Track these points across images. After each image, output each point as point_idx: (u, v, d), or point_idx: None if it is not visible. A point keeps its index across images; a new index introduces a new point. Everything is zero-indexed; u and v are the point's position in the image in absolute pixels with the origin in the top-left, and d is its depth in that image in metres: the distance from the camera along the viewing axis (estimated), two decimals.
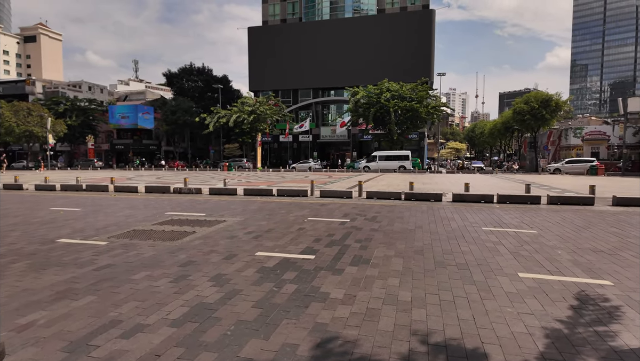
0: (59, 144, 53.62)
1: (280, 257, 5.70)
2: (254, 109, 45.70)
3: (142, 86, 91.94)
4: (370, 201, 12.06)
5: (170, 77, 61.12)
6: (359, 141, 52.11)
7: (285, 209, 10.78)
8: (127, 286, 4.50)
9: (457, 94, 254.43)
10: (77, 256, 5.78)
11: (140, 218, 9.22)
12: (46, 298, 4.11)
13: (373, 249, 6.11)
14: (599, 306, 3.88)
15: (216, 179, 24.62)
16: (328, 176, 29.26)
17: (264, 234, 7.36)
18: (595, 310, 3.79)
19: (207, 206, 11.45)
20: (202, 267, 5.24)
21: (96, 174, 33.79)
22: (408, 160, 37.08)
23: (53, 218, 9.29)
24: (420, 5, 54.42)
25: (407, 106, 38.79)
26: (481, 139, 77.74)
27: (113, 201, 12.86)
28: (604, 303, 3.95)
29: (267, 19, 61.08)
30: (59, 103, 52.75)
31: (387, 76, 43.98)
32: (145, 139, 57.87)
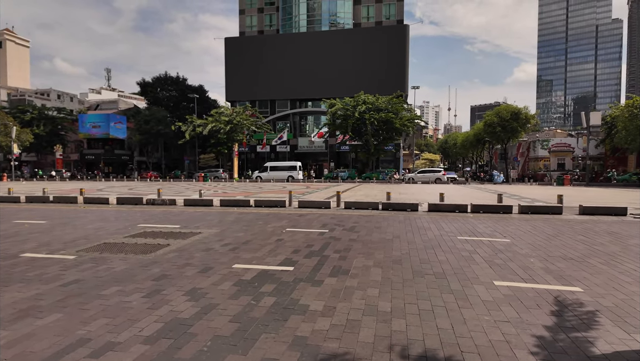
0: (24, 154, 51.37)
1: (258, 269, 5.60)
2: (230, 119, 45.34)
3: (115, 95, 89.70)
4: (349, 211, 12.10)
5: (145, 86, 59.92)
6: (337, 151, 52.49)
7: (263, 220, 10.65)
8: (97, 302, 4.29)
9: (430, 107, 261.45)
10: (42, 272, 5.48)
11: (112, 231, 8.87)
12: (7, 317, 3.86)
13: (352, 260, 6.09)
14: (572, 312, 3.99)
15: (191, 190, 24.11)
16: (306, 186, 29.22)
17: (241, 246, 7.23)
18: (569, 316, 3.89)
19: (181, 218, 11.17)
20: (177, 281, 5.07)
21: (64, 185, 32.44)
22: (296, 170, 39.33)
23: (16, 232, 8.82)
24: (395, 20, 55.91)
25: (383, 117, 39.48)
26: (454, 151, 79.89)
27: (82, 213, 12.35)
28: (577, 309, 4.07)
29: (244, 30, 61.18)
30: (25, 111, 50.66)
31: (363, 88, 44.75)
32: (118, 149, 56.25)
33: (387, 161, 50.01)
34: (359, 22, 56.96)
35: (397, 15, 55.97)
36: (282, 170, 39.47)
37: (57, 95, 63.33)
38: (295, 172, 39.06)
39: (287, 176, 38.86)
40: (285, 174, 38.95)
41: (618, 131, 32.62)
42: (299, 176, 38.94)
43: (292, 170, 39.12)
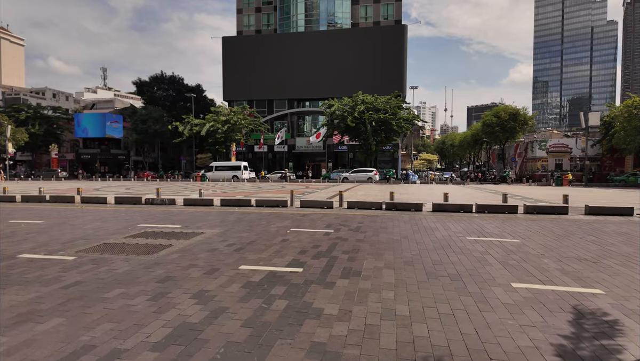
0: (19, 153, 50.82)
1: (266, 270, 5.41)
2: (228, 119, 45.08)
3: (111, 94, 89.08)
4: (352, 211, 11.92)
5: (141, 86, 59.49)
6: (335, 151, 52.33)
7: (265, 220, 10.45)
8: (100, 305, 4.09)
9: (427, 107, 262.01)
10: (41, 273, 5.26)
11: (111, 231, 8.65)
12: (6, 322, 3.64)
13: (362, 261, 5.92)
14: (597, 316, 3.84)
15: (189, 190, 23.85)
16: (305, 186, 29.03)
17: (246, 246, 7.03)
18: (595, 320, 3.74)
19: (182, 218, 10.95)
20: (183, 283, 4.88)
21: (60, 184, 32.05)
22: (240, 170, 41.22)
23: (13, 232, 8.57)
24: (393, 20, 55.86)
25: (381, 118, 39.36)
26: (451, 151, 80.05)
27: (80, 213, 12.09)
28: (602, 313, 3.91)
29: (241, 29, 60.90)
30: (20, 110, 50.14)
31: (361, 88, 44.65)
32: (114, 149, 55.80)
33: (384, 161, 49.91)
34: (357, 22, 56.87)
35: (395, 16, 55.94)
36: (228, 170, 41.71)
37: (52, 94, 62.74)
38: (239, 172, 41.06)
39: (232, 176, 40.98)
40: (230, 174, 41.11)
41: (616, 132, 32.68)
42: (243, 175, 40.72)
43: (236, 170, 41.34)
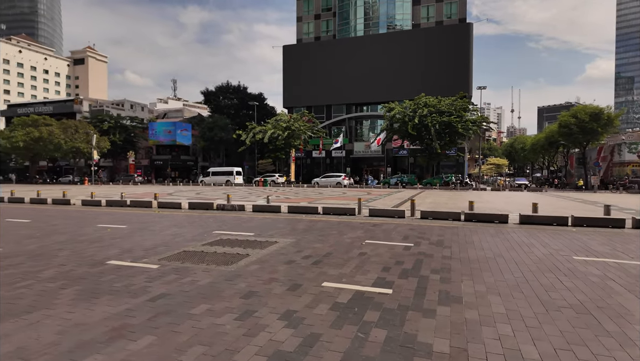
0: (102, 159, 55.90)
1: (351, 290, 4.97)
2: (288, 125, 45.87)
3: (180, 104, 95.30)
4: (427, 222, 11.14)
5: (208, 95, 62.83)
6: (394, 156, 51.03)
7: (335, 229, 10.08)
8: (188, 323, 3.90)
9: (492, 108, 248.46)
10: (129, 283, 5.29)
11: (189, 238, 8.78)
12: (100, 337, 3.56)
13: (458, 283, 5.26)
14: None
15: (254, 195, 24.37)
16: (367, 192, 28.39)
17: (323, 259, 6.67)
18: None
19: (253, 225, 10.94)
20: (267, 300, 4.59)
21: (137, 189, 34.56)
22: (233, 175, 44.11)
23: (100, 236, 9.03)
24: (457, 19, 53.45)
25: (445, 120, 37.54)
26: (522, 155, 74.43)
27: (158, 218, 12.63)
28: None
29: (301, 37, 61.97)
30: (104, 121, 55.20)
31: (423, 90, 43.06)
32: (183, 155, 59.38)
33: (448, 166, 47.62)
34: (419, 23, 55.22)
35: (459, 14, 53.52)
36: (222, 175, 44.92)
37: (130, 105, 68.45)
38: (232, 177, 44.15)
39: (226, 180, 43.96)
40: (224, 179, 44.21)
41: None
42: (235, 180, 43.64)
43: (229, 175, 44.54)
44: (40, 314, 4.12)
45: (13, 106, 70.76)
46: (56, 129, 46.41)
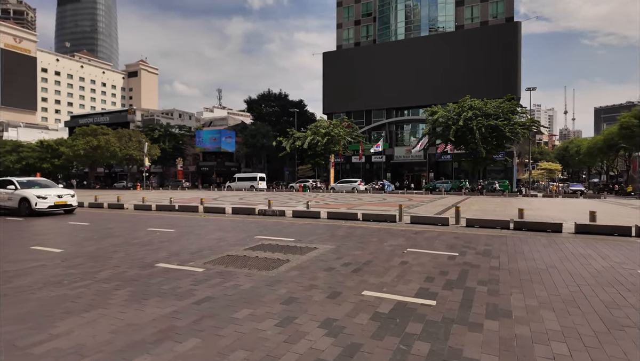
0: (153, 166, 59.13)
1: (393, 300, 4.86)
2: (328, 131, 46.12)
3: (225, 113, 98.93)
4: (473, 230, 10.69)
5: (251, 103, 64.76)
6: (436, 161, 49.68)
7: (375, 236, 9.94)
8: (231, 327, 3.99)
9: (542, 110, 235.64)
10: (176, 285, 5.51)
11: (232, 242, 9.03)
12: (149, 338, 3.73)
13: (507, 296, 4.98)
14: None
15: (294, 201, 24.66)
16: (408, 198, 27.81)
17: (363, 267, 6.59)
18: None
19: (293, 230, 11.05)
20: (307, 307, 4.60)
21: (185, 194, 36.16)
22: (256, 181, 46.08)
23: (150, 240, 9.52)
24: (503, 18, 51.39)
25: (492, 124, 36.03)
26: (576, 159, 69.78)
27: (203, 222, 13.12)
28: None
29: (341, 44, 62.29)
30: (154, 129, 58.48)
31: (468, 93, 41.65)
32: (227, 161, 61.47)
33: (496, 171, 45.61)
34: (462, 24, 53.70)
35: (506, 13, 51.46)
36: (247, 180, 46.90)
37: (178, 114, 72.11)
38: (256, 182, 46.04)
39: (250, 185, 45.85)
40: (249, 184, 46.19)
41: None
42: (259, 185, 45.56)
43: (253, 180, 46.41)
44: (96, 313, 4.40)
45: (75, 117, 76.95)
46: (112, 137, 49.80)
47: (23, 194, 15.20)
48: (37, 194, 15.10)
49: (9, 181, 16.16)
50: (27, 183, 16.21)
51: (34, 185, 16.28)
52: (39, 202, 14.94)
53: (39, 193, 15.17)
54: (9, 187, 15.78)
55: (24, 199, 15.05)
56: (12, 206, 15.42)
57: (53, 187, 16.88)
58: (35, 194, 15.04)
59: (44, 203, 15.03)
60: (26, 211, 14.97)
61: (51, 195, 15.38)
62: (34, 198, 14.93)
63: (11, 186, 15.73)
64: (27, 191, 15.35)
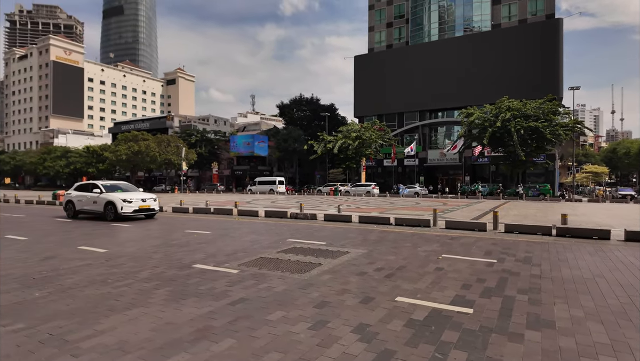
0: (190, 170, 61.18)
1: (427, 307, 4.75)
2: (359, 135, 45.92)
3: (258, 118, 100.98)
4: (511, 236, 10.27)
5: (283, 108, 65.70)
6: (472, 164, 48.19)
7: (409, 241, 9.77)
8: (265, 329, 4.05)
9: (587, 110, 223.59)
10: (212, 286, 5.67)
11: (265, 245, 9.17)
12: (187, 337, 3.85)
13: (550, 306, 4.74)
14: None
15: (325, 204, 24.70)
16: (442, 203, 27.15)
17: (396, 272, 6.49)
18: None
19: (324, 234, 11.07)
20: (339, 311, 4.59)
21: (220, 197, 37.13)
22: (275, 184, 46.99)
23: (187, 241, 9.84)
24: (543, 15, 49.27)
25: (532, 125, 34.53)
26: (626, 162, 65.54)
27: (237, 225, 13.41)
28: None
29: (372, 46, 61.99)
30: (191, 135, 60.56)
31: (505, 94, 40.19)
32: (260, 165, 62.59)
33: (536, 175, 43.65)
34: (499, 23, 52.01)
35: (547, 10, 49.34)
36: (267, 184, 48.02)
37: (214, 120, 74.35)
38: (275, 186, 47.05)
39: (269, 189, 47.00)
40: (269, 187, 47.30)
41: None
42: (278, 189, 46.49)
43: (273, 184, 47.44)
44: (138, 311, 4.59)
45: (118, 123, 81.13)
46: (152, 143, 52.05)
47: (109, 197, 14.81)
48: (123, 198, 14.74)
49: (94, 184, 15.85)
50: (110, 187, 15.81)
51: (117, 189, 15.85)
52: (124, 206, 14.56)
53: (124, 197, 14.80)
54: (94, 190, 15.39)
55: (109, 203, 14.69)
56: (97, 210, 15.19)
57: (134, 190, 16.43)
58: (121, 198, 14.69)
59: (129, 206, 14.65)
60: (112, 215, 14.59)
61: (136, 199, 14.96)
62: (120, 201, 14.56)
63: (97, 190, 15.34)
64: (113, 194, 14.99)
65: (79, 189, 16.33)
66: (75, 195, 16.07)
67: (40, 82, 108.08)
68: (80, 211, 15.92)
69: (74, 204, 15.97)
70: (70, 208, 16.09)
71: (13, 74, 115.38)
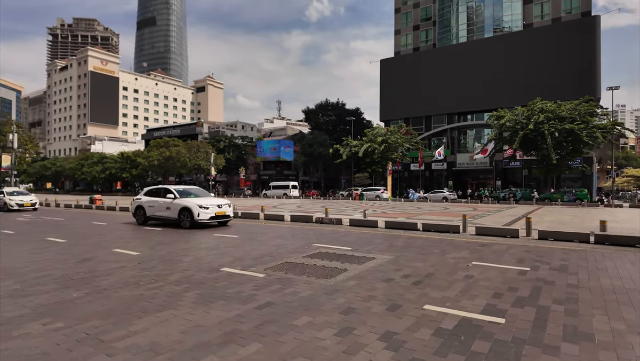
0: (218, 175, 62.53)
1: (457, 316, 4.63)
2: (385, 139, 45.53)
3: (284, 123, 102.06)
4: (546, 243, 9.86)
5: (308, 113, 66.18)
6: (504, 168, 46.72)
7: (437, 247, 9.56)
8: (291, 333, 4.06)
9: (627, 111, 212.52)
10: (239, 290, 5.75)
11: (291, 249, 9.23)
12: (215, 340, 3.92)
13: (588, 318, 4.51)
14: None
15: (351, 209, 24.60)
16: (472, 208, 26.45)
17: (424, 279, 6.36)
18: None
19: (350, 239, 11.02)
20: (366, 318, 4.54)
21: (247, 201, 37.71)
22: (288, 188, 48.59)
23: (216, 245, 10.04)
24: (579, 13, 47.35)
25: (567, 127, 33.13)
26: None
27: (264, 229, 13.57)
28: None
29: (399, 50, 61.50)
30: (220, 140, 61.95)
31: (538, 95, 38.80)
32: (286, 170, 63.17)
33: (572, 179, 41.81)
34: (531, 23, 50.40)
35: (582, 7, 47.40)
36: (281, 188, 49.43)
37: (241, 126, 75.80)
38: (288, 190, 48.43)
39: (283, 193, 48.21)
40: (282, 192, 48.58)
41: None
42: (291, 193, 47.84)
43: (286, 188, 48.91)
44: (168, 313, 4.72)
45: (150, 130, 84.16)
46: (182, 149, 53.61)
47: (184, 203, 13.71)
48: (200, 203, 13.58)
49: (167, 189, 14.80)
50: (183, 192, 14.75)
51: (189, 194, 14.77)
52: (201, 212, 13.37)
53: (200, 202, 13.66)
54: (168, 195, 14.40)
55: (185, 209, 13.56)
56: (170, 217, 14.14)
57: (206, 195, 15.43)
58: (197, 204, 13.51)
59: (205, 213, 13.48)
60: (187, 223, 13.47)
61: (212, 205, 13.83)
62: (196, 207, 13.37)
63: (170, 195, 14.33)
64: (188, 200, 13.91)
65: (149, 194, 15.34)
66: (147, 200, 15.10)
67: (79, 91, 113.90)
68: (150, 218, 15.01)
69: (144, 210, 15.04)
70: (140, 213, 15.19)
71: (55, 85, 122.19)
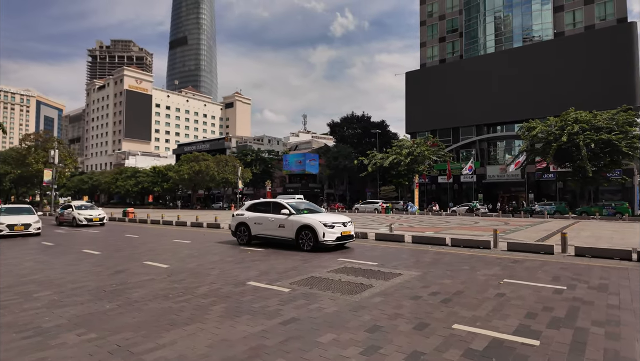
0: (245, 188, 63.56)
1: (488, 336, 4.45)
2: (411, 151, 45.02)
3: (309, 137, 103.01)
4: (583, 260, 9.37)
5: (333, 127, 66.55)
6: (537, 180, 45.04)
7: (467, 263, 9.28)
8: (316, 351, 4.03)
9: None
10: (264, 304, 5.77)
11: (315, 263, 9.20)
12: (241, 355, 3.93)
13: (631, 342, 4.23)
14: None
15: (376, 223, 24.32)
16: (504, 222, 25.57)
17: (453, 298, 6.17)
18: None
19: (376, 254, 10.87)
20: (392, 337, 4.44)
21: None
22: None
23: (242, 258, 10.15)
24: (614, 19, 45.74)
25: (604, 138, 31.68)
26: None
27: None
28: None
29: (424, 62, 61.24)
30: (247, 155, 63.17)
31: (571, 105, 37.45)
32: (311, 183, 63.46)
33: (611, 192, 39.76)
34: (562, 31, 49.07)
35: (617, 14, 45.81)
36: None
37: (268, 140, 77.11)
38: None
39: None
40: None
41: None
42: None
43: None
44: (195, 326, 4.79)
45: (181, 145, 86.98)
46: (211, 163, 55.01)
47: (304, 220, 11.42)
48: (324, 221, 11.27)
49: (279, 203, 12.35)
50: (295, 206, 12.32)
51: (303, 209, 12.32)
52: (327, 232, 11.06)
53: (325, 220, 11.34)
54: (282, 211, 11.95)
55: (306, 227, 11.30)
56: (284, 237, 11.84)
57: (319, 210, 12.92)
58: (320, 221, 11.21)
59: (331, 233, 11.10)
60: (309, 245, 11.18)
61: (337, 223, 11.41)
62: (320, 226, 11.07)
63: (285, 210, 11.90)
64: (309, 216, 11.59)
65: (254, 210, 12.96)
66: (252, 217, 12.73)
67: (115, 109, 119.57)
68: (256, 237, 12.70)
69: (249, 228, 12.75)
70: (243, 232, 12.93)
71: (93, 103, 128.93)
